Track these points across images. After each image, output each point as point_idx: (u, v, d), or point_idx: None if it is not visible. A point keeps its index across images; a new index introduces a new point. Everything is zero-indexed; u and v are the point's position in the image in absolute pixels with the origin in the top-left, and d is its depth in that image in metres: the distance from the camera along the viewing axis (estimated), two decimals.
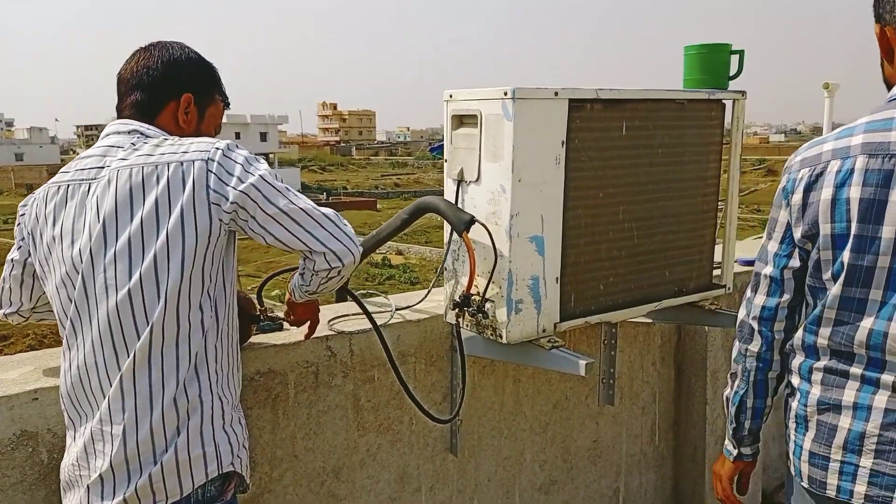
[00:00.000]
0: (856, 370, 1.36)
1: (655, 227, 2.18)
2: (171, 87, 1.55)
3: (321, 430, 2.06)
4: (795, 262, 1.46)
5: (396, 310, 2.18)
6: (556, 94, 1.86)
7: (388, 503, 2.23)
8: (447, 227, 1.96)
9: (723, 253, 2.41)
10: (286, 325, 1.94)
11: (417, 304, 2.20)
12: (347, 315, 2.15)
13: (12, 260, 1.61)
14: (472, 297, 1.92)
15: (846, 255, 1.33)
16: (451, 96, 1.97)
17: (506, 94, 1.79)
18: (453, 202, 1.96)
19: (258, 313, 1.88)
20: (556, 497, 2.66)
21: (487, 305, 1.91)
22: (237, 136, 60.86)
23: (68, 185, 1.47)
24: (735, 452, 1.63)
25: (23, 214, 1.56)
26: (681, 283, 2.29)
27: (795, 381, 1.49)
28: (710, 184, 2.31)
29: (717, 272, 2.44)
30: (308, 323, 1.85)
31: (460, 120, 1.97)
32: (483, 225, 1.85)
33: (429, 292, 2.19)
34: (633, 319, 2.52)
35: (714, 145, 2.30)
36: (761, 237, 1.60)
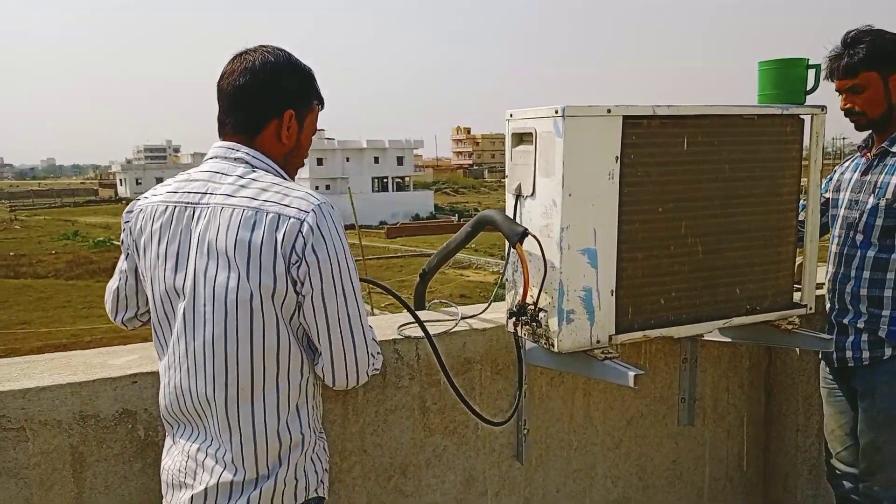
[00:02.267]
0: None
1: (723, 242, 2.16)
2: (272, 105, 1.60)
3: (389, 428, 2.20)
4: None
5: (462, 318, 2.29)
6: (609, 111, 1.92)
7: None
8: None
9: (803, 271, 2.33)
10: None
11: (481, 313, 2.31)
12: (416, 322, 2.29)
13: (123, 270, 1.73)
14: (527, 307, 2.00)
15: None
16: (511, 115, 2.08)
17: (556, 111, 1.88)
18: (511, 216, 2.06)
19: None
20: None
21: (541, 315, 1.99)
22: (376, 160, 63.56)
23: (175, 207, 1.57)
24: None
25: (127, 222, 1.67)
26: (753, 301, 2.24)
27: None
28: (787, 200, 2.25)
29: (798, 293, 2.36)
30: None
31: (520, 137, 2.07)
32: (535, 237, 1.93)
33: (490, 303, 2.29)
34: (712, 338, 2.49)
35: (791, 161, 2.24)
36: None
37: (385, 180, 64.55)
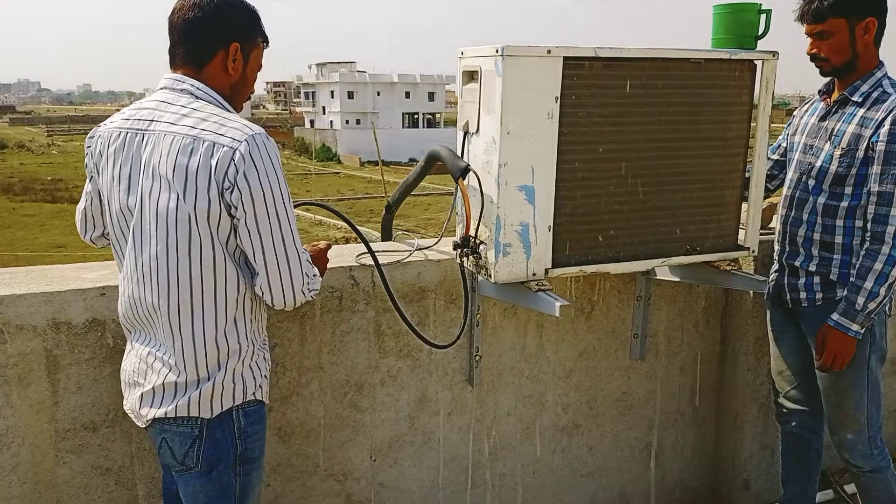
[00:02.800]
0: None
1: (664, 184, 2.24)
2: (219, 37, 1.72)
3: (345, 348, 2.37)
4: None
5: (418, 248, 2.42)
6: (549, 51, 1.99)
7: (406, 420, 2.51)
8: None
9: (747, 215, 2.41)
10: None
11: (435, 245, 2.43)
12: (376, 252, 2.42)
13: (89, 192, 1.88)
14: (470, 239, 2.12)
15: None
16: (462, 53, 2.16)
17: (497, 51, 1.95)
18: (458, 152, 2.16)
19: None
20: (581, 440, 2.81)
21: (481, 247, 2.11)
22: (407, 95, 62.94)
23: (127, 133, 1.72)
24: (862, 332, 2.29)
25: (89, 146, 1.81)
26: (694, 242, 2.33)
27: None
28: (734, 144, 2.31)
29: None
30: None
31: (470, 75, 2.15)
32: (475, 173, 2.04)
33: (442, 235, 2.41)
34: (661, 277, 2.59)
35: (740, 105, 2.29)
36: None
37: (416, 116, 64.11)
